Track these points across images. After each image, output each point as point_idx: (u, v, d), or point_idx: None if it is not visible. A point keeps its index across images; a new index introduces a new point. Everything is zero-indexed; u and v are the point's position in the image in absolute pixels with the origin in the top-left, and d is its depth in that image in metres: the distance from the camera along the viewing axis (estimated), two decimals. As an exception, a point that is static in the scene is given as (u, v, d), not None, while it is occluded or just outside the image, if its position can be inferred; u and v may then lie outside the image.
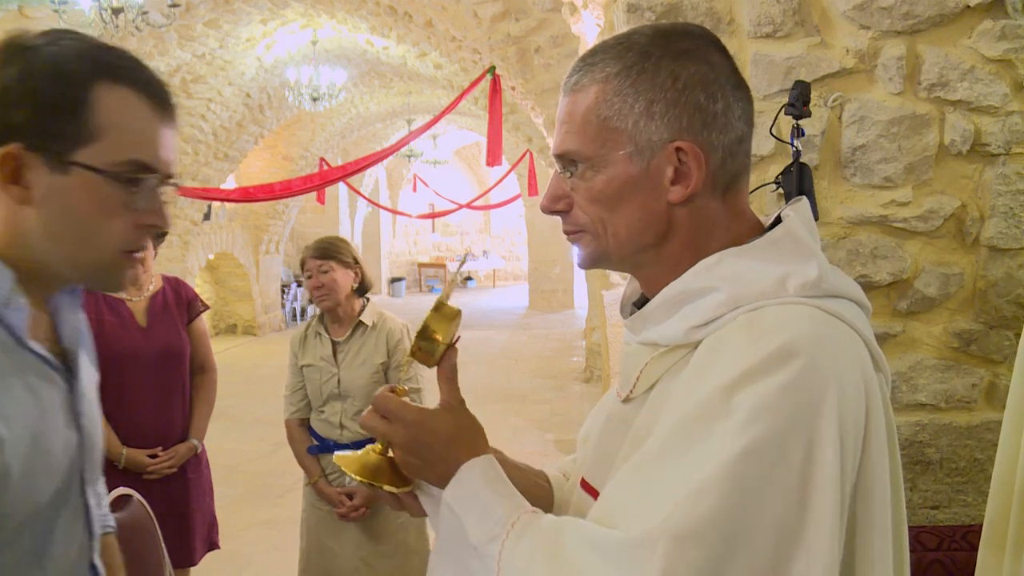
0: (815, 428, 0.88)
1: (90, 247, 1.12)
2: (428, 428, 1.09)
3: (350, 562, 3.28)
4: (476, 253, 23.14)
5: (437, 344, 1.12)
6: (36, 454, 1.09)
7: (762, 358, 0.90)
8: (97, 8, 5.96)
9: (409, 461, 1.10)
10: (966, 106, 2.48)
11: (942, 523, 2.54)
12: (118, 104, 1.10)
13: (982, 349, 2.54)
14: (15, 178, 1.08)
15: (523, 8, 6.57)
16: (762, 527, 0.86)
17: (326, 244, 3.29)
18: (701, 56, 1.04)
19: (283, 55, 9.49)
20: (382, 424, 1.12)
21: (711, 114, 1.03)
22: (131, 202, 1.11)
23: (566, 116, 1.07)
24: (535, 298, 17.24)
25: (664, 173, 1.03)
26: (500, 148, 7.29)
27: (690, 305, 1.02)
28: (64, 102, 1.06)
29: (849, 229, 2.54)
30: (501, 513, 1.01)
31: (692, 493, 0.86)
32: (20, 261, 1.11)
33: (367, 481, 1.13)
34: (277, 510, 5.76)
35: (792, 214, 1.07)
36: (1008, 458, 1.85)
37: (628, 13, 2.55)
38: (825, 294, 0.99)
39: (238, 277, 14.07)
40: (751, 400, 0.88)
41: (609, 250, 1.08)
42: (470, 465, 1.07)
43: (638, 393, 1.08)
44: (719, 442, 0.88)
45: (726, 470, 0.86)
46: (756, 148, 2.54)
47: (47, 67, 1.07)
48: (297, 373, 3.38)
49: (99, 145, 1.08)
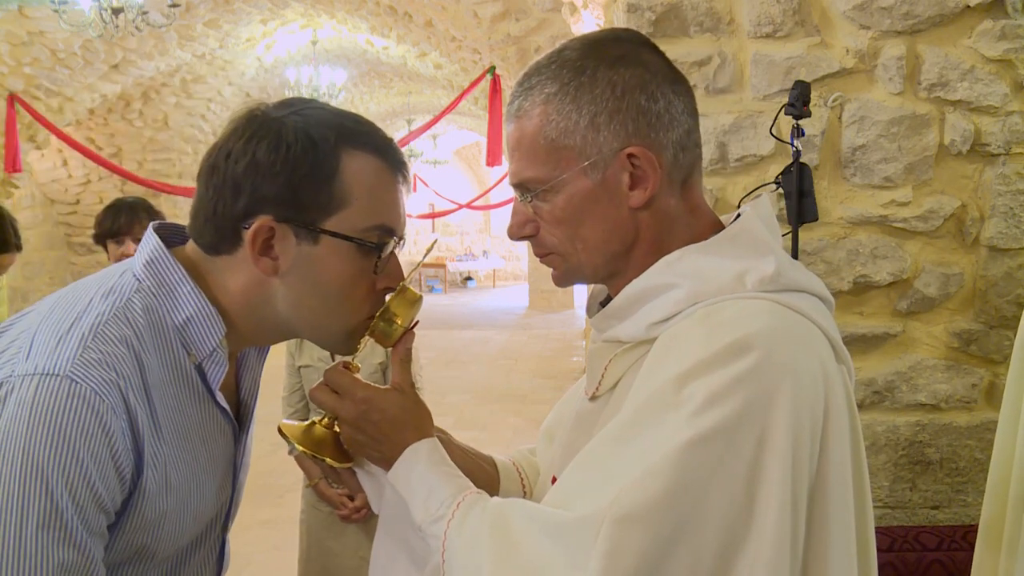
0: (768, 420, 0.88)
1: (338, 314, 1.12)
2: (376, 406, 1.11)
3: (350, 562, 3.27)
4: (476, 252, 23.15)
5: (396, 327, 1.14)
6: (191, 501, 1.09)
7: (716, 350, 0.91)
8: (97, 8, 5.95)
9: (355, 438, 1.12)
10: (966, 106, 2.48)
11: (942, 523, 2.54)
12: (362, 170, 1.08)
13: (982, 349, 2.54)
14: (265, 250, 1.07)
15: (523, 8, 6.57)
16: (708, 516, 0.86)
17: None
18: (634, 59, 1.04)
19: (283, 55, 9.49)
20: (332, 398, 1.13)
21: (654, 114, 1.03)
22: (377, 267, 1.11)
23: (515, 144, 1.07)
24: (535, 298, 17.22)
25: (621, 181, 1.03)
26: (500, 148, 7.29)
27: (651, 302, 1.03)
28: (316, 172, 1.06)
29: (849, 229, 2.54)
30: (446, 494, 1.03)
31: (640, 477, 0.87)
32: (242, 321, 1.10)
33: (309, 452, 1.15)
34: (277, 510, 5.75)
35: (749, 210, 1.08)
36: (1003, 458, 1.85)
37: (628, 13, 2.55)
38: (784, 288, 0.99)
39: (238, 277, 14.06)
40: (703, 390, 0.89)
41: (582, 265, 1.08)
42: (415, 447, 1.08)
43: (603, 390, 1.10)
44: (670, 429, 0.89)
45: (674, 456, 0.87)
46: (756, 148, 2.54)
47: (298, 139, 1.05)
48: (294, 374, 3.37)
49: (347, 212, 1.07)
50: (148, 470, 1.01)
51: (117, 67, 7.88)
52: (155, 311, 1.06)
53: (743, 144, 2.55)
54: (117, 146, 9.61)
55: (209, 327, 1.08)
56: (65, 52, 7.20)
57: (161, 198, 8.94)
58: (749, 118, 2.55)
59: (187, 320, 1.07)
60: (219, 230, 1.08)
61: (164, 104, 9.34)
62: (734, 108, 2.56)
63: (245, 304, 1.10)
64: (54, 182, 9.65)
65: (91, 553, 0.95)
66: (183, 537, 1.11)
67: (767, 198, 1.12)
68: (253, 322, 1.11)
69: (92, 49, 7.35)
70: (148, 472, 1.01)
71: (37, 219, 9.51)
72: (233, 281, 1.10)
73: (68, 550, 0.93)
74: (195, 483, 1.10)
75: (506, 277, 23.50)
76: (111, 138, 9.55)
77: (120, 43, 7.35)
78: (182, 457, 1.07)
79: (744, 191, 2.48)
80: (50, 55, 7.15)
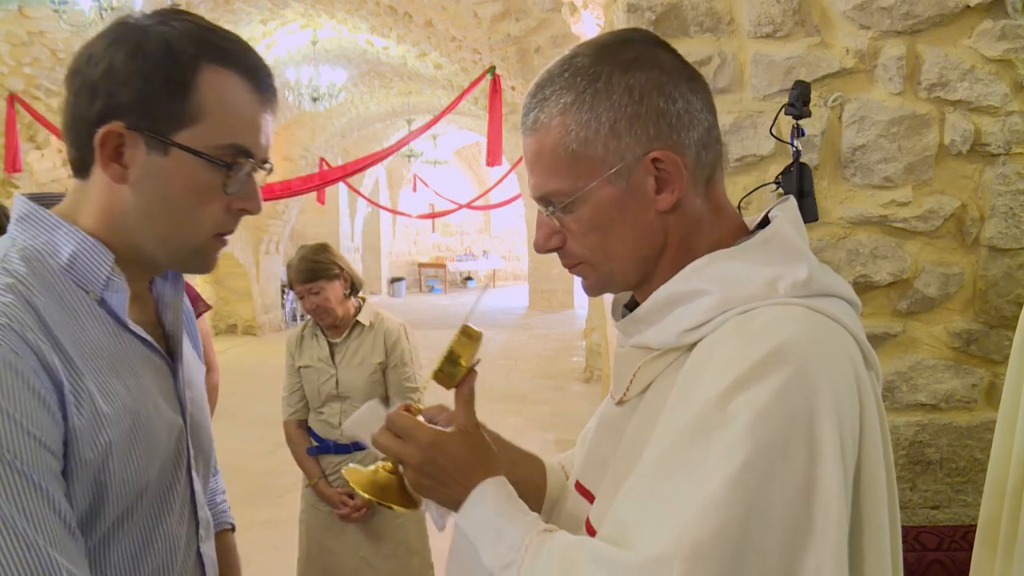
0: (814, 429, 0.88)
1: (184, 228, 1.12)
2: (443, 450, 1.08)
3: (350, 562, 3.28)
4: (476, 252, 23.15)
5: (460, 367, 1.13)
6: (138, 432, 1.09)
7: (754, 363, 0.90)
8: (97, 8, 5.95)
9: (421, 482, 1.10)
10: (966, 106, 2.48)
11: (942, 523, 2.54)
12: (222, 87, 1.08)
13: (982, 349, 2.54)
14: (115, 157, 1.07)
15: (523, 8, 6.57)
16: (771, 532, 0.86)
17: (309, 265, 3.20)
18: (648, 61, 1.02)
19: (283, 55, 9.49)
20: (396, 443, 1.10)
21: (674, 115, 1.01)
22: (227, 185, 1.11)
23: (534, 157, 1.06)
24: (535, 298, 17.23)
25: (646, 186, 1.02)
26: (500, 148, 7.29)
27: (681, 308, 1.02)
28: (171, 84, 1.06)
29: (849, 229, 2.54)
30: (514, 537, 1.01)
31: (702, 510, 0.86)
32: (118, 244, 1.11)
33: (375, 499, 1.13)
34: (277, 510, 5.76)
35: (780, 214, 1.07)
36: (1001, 459, 1.85)
37: (628, 13, 2.55)
38: (815, 293, 0.99)
39: (238, 277, 14.05)
40: (747, 408, 0.88)
41: (613, 273, 1.07)
42: (481, 489, 1.06)
43: (631, 396, 1.08)
44: (720, 453, 0.88)
45: (730, 482, 0.86)
46: (756, 148, 2.54)
47: (158, 48, 1.06)
48: (294, 374, 3.37)
49: (200, 127, 1.07)
50: (72, 406, 1.01)
51: (117, 67, 7.89)
52: (36, 259, 1.07)
53: (743, 144, 2.55)
54: (117, 146, 9.62)
55: (95, 257, 1.09)
56: (65, 52, 7.20)
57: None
58: (749, 118, 2.55)
59: (72, 258, 1.08)
60: (77, 137, 1.09)
61: (164, 104, 9.34)
62: (734, 108, 2.56)
63: (109, 223, 1.11)
64: (54, 182, 9.64)
65: (52, 496, 0.95)
66: (144, 471, 1.11)
67: (794, 201, 1.10)
68: (124, 241, 1.12)
69: (92, 49, 7.35)
70: (72, 408, 1.01)
71: (37, 219, 9.51)
72: (97, 201, 1.11)
73: (28, 496, 0.93)
74: (135, 416, 1.09)
75: (506, 277, 23.51)
76: (111, 138, 9.55)
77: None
78: (110, 389, 1.07)
79: (744, 191, 2.48)
80: (50, 55, 7.15)
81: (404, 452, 1.10)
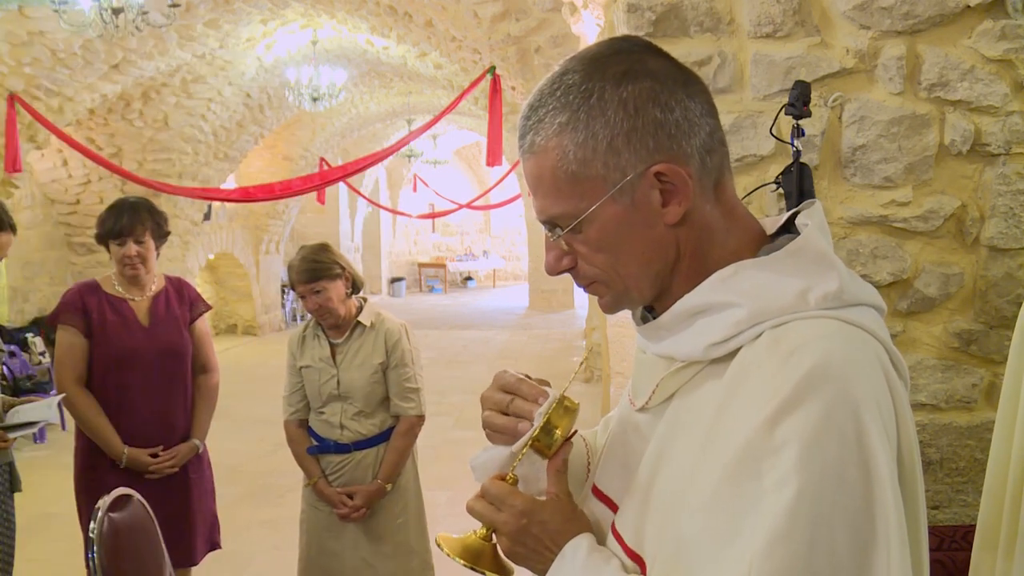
0: (866, 450, 0.87)
1: None
2: (536, 519, 1.08)
3: (350, 562, 3.28)
4: (476, 252, 23.15)
5: (557, 439, 1.11)
6: None
7: (795, 384, 0.88)
8: (97, 8, 5.95)
9: (515, 550, 1.10)
10: (966, 106, 2.48)
11: (942, 523, 2.54)
12: None
13: (982, 349, 2.54)
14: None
15: (523, 8, 6.57)
16: (839, 556, 0.85)
17: (311, 265, 3.19)
18: (639, 71, 1.00)
19: (283, 55, 9.49)
20: (490, 511, 1.10)
21: (672, 125, 0.99)
22: None
23: (535, 181, 1.04)
24: (535, 298, 17.23)
25: (652, 200, 1.00)
26: (500, 148, 7.29)
27: (706, 319, 1.00)
28: None
29: (849, 229, 2.54)
30: None
31: (765, 544, 0.85)
32: None
33: (468, 565, 1.13)
34: (278, 510, 5.76)
35: (809, 223, 1.05)
36: (1000, 459, 1.85)
37: (628, 13, 2.55)
38: (846, 304, 0.97)
39: (238, 277, 14.06)
40: (795, 434, 0.87)
41: (628, 290, 1.06)
42: (564, 552, 1.06)
43: (654, 404, 1.07)
44: (775, 484, 0.87)
45: (791, 513, 0.85)
46: (756, 148, 2.54)
47: None
48: (295, 374, 3.37)
49: None
50: None
51: (117, 67, 7.88)
52: None
53: (743, 144, 2.55)
54: (117, 146, 9.61)
55: None
56: (65, 52, 7.20)
57: (161, 198, 8.94)
58: (749, 118, 2.55)
59: None
60: None
61: (164, 104, 9.34)
62: (734, 108, 2.56)
63: None
64: (54, 182, 9.65)
65: None
66: None
67: (820, 205, 1.08)
68: None
69: (92, 49, 7.35)
70: None
71: (37, 219, 9.51)
72: None
73: None
74: None
75: (506, 277, 23.51)
76: (111, 138, 9.55)
77: (120, 43, 7.35)
78: None
79: (744, 191, 2.48)
80: (50, 55, 7.15)
81: (498, 520, 1.09)
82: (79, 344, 3.27)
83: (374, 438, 3.29)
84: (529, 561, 1.10)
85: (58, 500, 4.52)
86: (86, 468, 3.33)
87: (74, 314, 3.28)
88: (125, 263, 3.30)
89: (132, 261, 3.30)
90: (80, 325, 3.27)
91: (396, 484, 3.31)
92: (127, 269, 3.32)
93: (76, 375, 3.27)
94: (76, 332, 3.27)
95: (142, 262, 3.32)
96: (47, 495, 5.35)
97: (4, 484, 3.13)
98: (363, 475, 3.26)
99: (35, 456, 7.05)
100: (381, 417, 3.30)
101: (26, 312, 9.29)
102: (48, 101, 7.64)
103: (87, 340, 3.28)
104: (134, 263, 3.30)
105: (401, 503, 3.34)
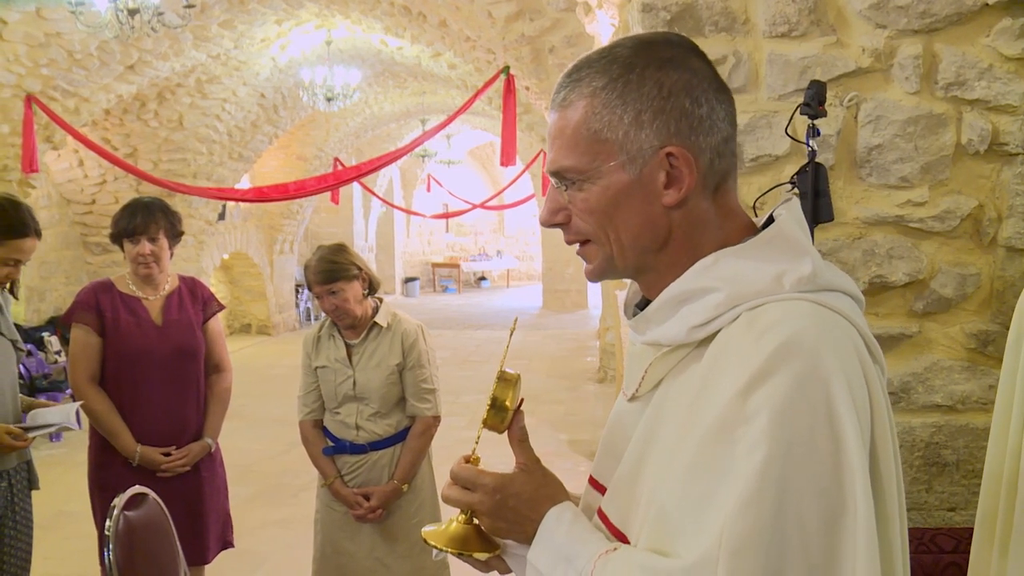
0: (835, 419, 0.92)
1: None
2: (510, 492, 1.13)
3: (365, 562, 3.28)
4: (489, 252, 23.15)
5: (507, 411, 1.18)
6: None
7: (767, 356, 0.93)
8: (113, 9, 5.98)
9: (497, 526, 1.14)
10: (983, 105, 2.46)
11: (959, 525, 2.52)
12: None
13: (999, 350, 2.52)
14: None
15: (537, 8, 6.56)
16: (808, 521, 0.90)
17: (328, 266, 3.19)
18: (683, 63, 1.06)
19: (297, 55, 9.51)
20: (464, 495, 1.15)
21: (697, 118, 1.05)
22: None
23: (557, 132, 1.10)
24: (549, 298, 17.21)
25: (657, 179, 1.05)
26: (514, 148, 7.28)
27: (689, 305, 1.05)
28: None
29: (865, 229, 2.53)
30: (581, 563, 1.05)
31: (736, 508, 0.90)
32: None
33: (457, 551, 1.17)
34: (291, 509, 5.77)
35: (784, 213, 1.10)
36: (997, 454, 1.85)
37: (643, 13, 2.54)
38: (820, 288, 1.02)
39: (252, 277, 14.10)
40: (767, 402, 0.92)
41: (614, 256, 1.10)
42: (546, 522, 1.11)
43: (643, 392, 1.12)
44: (746, 450, 0.91)
45: (760, 477, 0.90)
46: (771, 148, 2.53)
47: None
48: (311, 374, 3.37)
49: None
50: None
51: (133, 68, 7.92)
52: None
53: (758, 144, 2.54)
54: (132, 146, 9.66)
55: None
56: (81, 53, 7.24)
57: (176, 198, 8.98)
58: (764, 118, 2.54)
59: None
60: None
61: (179, 104, 9.38)
62: (749, 108, 2.55)
63: None
64: (70, 182, 9.71)
65: None
66: None
67: (798, 201, 1.13)
68: None
69: (108, 50, 7.39)
70: None
71: (53, 219, 9.57)
72: None
73: None
74: None
75: (520, 277, 23.50)
76: (126, 138, 9.60)
77: (136, 44, 7.38)
78: None
79: (759, 191, 2.47)
80: (67, 56, 7.19)
81: (474, 501, 1.15)
82: (93, 342, 3.29)
83: (390, 439, 3.29)
84: (512, 533, 1.14)
85: (74, 498, 4.55)
86: (99, 466, 3.35)
87: (88, 312, 3.30)
88: (138, 262, 3.32)
89: (145, 260, 3.31)
90: (94, 323, 3.29)
91: (412, 484, 3.31)
92: (140, 268, 3.33)
93: (89, 373, 3.29)
94: (90, 330, 3.29)
95: (155, 261, 3.33)
96: (62, 493, 5.39)
97: (23, 482, 3.15)
98: (379, 476, 3.26)
99: (51, 454, 7.10)
100: (397, 418, 3.30)
101: (42, 311, 9.35)
102: (64, 102, 7.68)
103: (101, 339, 3.29)
104: (147, 262, 3.32)
105: (416, 503, 3.34)
